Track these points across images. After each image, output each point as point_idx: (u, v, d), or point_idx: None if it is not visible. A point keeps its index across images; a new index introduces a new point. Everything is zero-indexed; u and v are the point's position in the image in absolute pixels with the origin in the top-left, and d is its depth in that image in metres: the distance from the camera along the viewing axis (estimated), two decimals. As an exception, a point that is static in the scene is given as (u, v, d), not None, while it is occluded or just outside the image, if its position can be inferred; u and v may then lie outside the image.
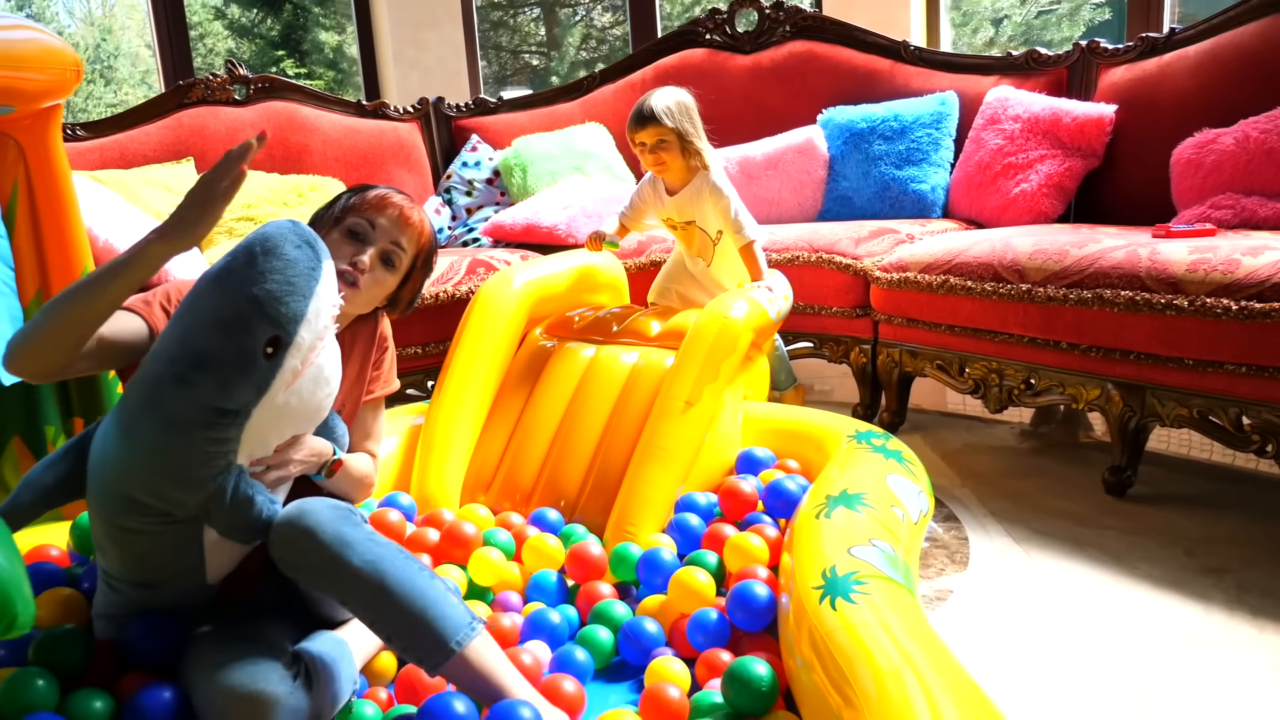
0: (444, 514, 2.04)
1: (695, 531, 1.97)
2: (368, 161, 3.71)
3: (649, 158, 2.49)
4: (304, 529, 1.32)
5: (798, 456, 2.25)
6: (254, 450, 1.40)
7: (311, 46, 11.86)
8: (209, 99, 3.47)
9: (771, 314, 2.37)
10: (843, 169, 3.55)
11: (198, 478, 1.34)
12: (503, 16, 11.50)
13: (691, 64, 3.94)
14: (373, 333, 1.81)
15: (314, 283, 1.35)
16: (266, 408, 1.35)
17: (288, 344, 1.33)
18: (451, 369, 2.30)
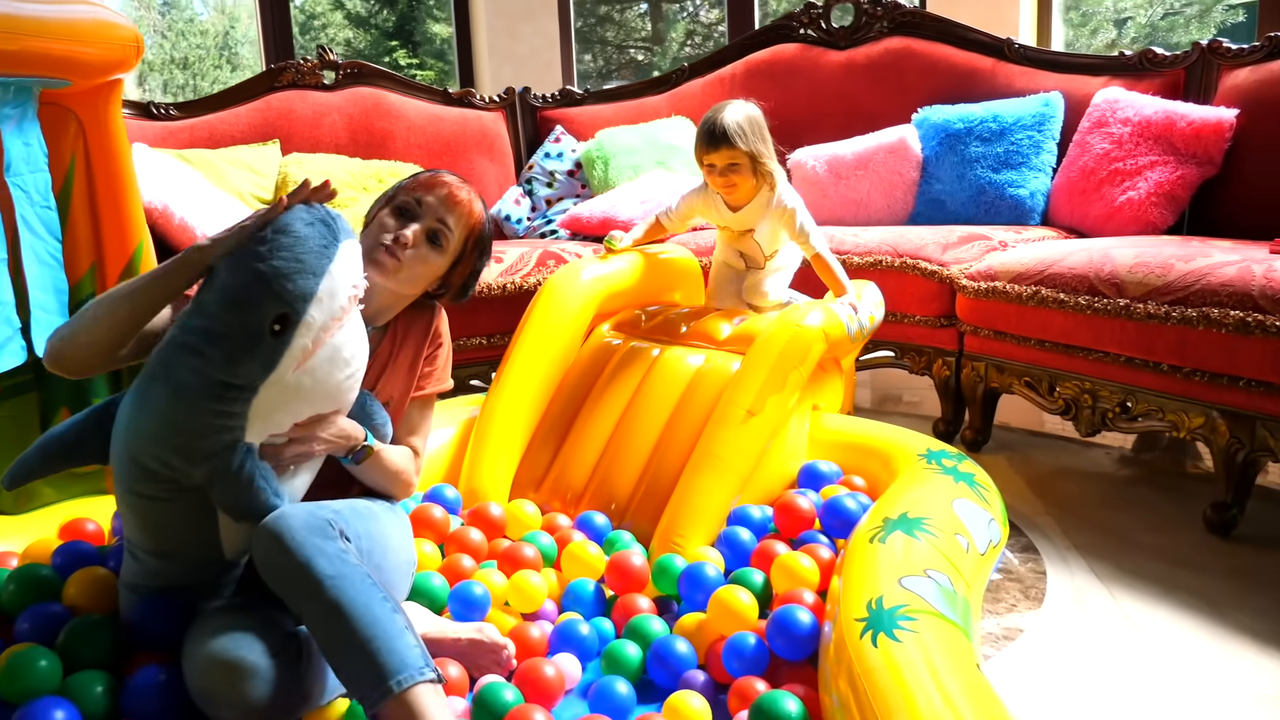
0: (491, 508, 1.97)
1: (745, 547, 1.86)
2: (450, 149, 3.69)
3: (718, 180, 2.36)
4: (274, 532, 1.28)
5: (864, 473, 2.12)
6: (266, 428, 1.37)
7: (423, 38, 12.05)
8: (299, 83, 3.49)
9: (850, 330, 2.24)
10: (936, 171, 3.38)
11: (201, 448, 1.32)
12: (609, 11, 11.49)
13: (783, 59, 3.82)
14: (428, 325, 1.75)
15: (326, 261, 1.32)
16: (275, 385, 1.33)
17: (295, 322, 1.31)
18: (511, 362, 2.24)
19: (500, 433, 2.16)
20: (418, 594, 1.69)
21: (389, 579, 1.52)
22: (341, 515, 1.41)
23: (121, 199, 1.96)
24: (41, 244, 1.82)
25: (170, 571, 1.42)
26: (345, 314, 1.36)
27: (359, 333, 1.43)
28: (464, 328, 2.96)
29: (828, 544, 1.87)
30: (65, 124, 1.89)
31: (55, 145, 1.88)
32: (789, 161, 3.56)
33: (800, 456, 2.17)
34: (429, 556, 1.80)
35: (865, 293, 2.41)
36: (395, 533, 1.58)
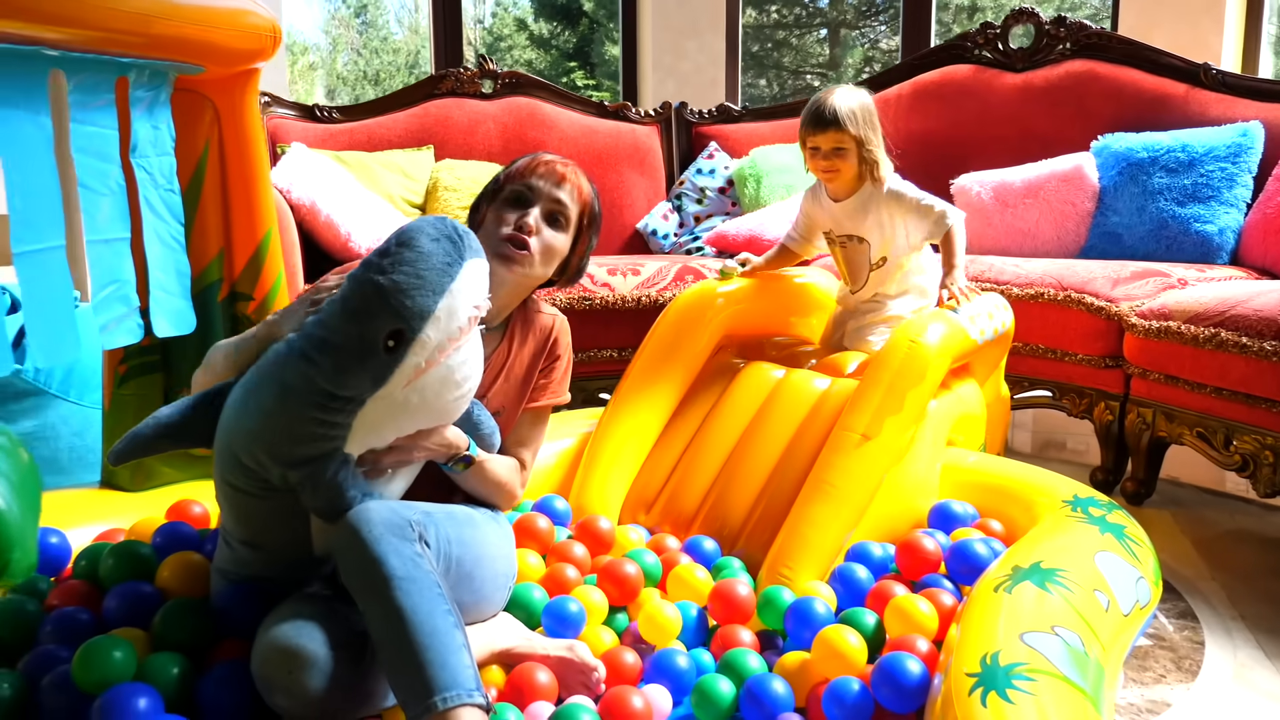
0: (599, 521, 1.90)
1: (861, 585, 1.73)
2: (601, 161, 3.68)
3: (820, 163, 2.22)
4: (353, 525, 1.27)
5: (1003, 518, 1.96)
6: (368, 442, 1.36)
7: (599, 59, 12.29)
8: (458, 91, 3.55)
9: (974, 336, 2.08)
10: (1114, 202, 3.14)
11: (299, 454, 1.31)
12: (787, 36, 11.41)
13: (954, 80, 3.65)
14: (547, 334, 1.72)
15: (448, 279, 1.30)
16: (383, 400, 1.31)
17: (410, 340, 1.28)
18: (631, 377, 2.18)
19: (614, 449, 2.09)
20: (515, 606, 1.64)
21: (481, 588, 1.49)
22: (432, 518, 1.38)
23: (253, 187, 2.00)
24: (164, 226, 1.87)
25: (259, 562, 1.42)
26: (463, 334, 1.33)
27: (475, 353, 1.40)
28: (595, 339, 2.93)
29: (952, 590, 1.72)
30: (201, 111, 1.94)
31: (190, 132, 1.93)
32: (952, 187, 3.39)
33: (932, 495, 2.02)
34: (531, 567, 1.75)
35: (987, 298, 2.23)
36: (494, 541, 1.54)
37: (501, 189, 1.63)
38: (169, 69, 1.82)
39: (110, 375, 2.01)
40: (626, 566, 1.71)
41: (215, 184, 1.97)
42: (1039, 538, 1.71)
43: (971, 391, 2.19)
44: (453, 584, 1.40)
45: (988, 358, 2.23)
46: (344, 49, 13.79)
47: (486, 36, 13.41)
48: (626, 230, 3.67)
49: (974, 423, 2.19)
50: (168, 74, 1.83)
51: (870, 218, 2.24)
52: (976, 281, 2.79)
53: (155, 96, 1.82)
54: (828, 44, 11.37)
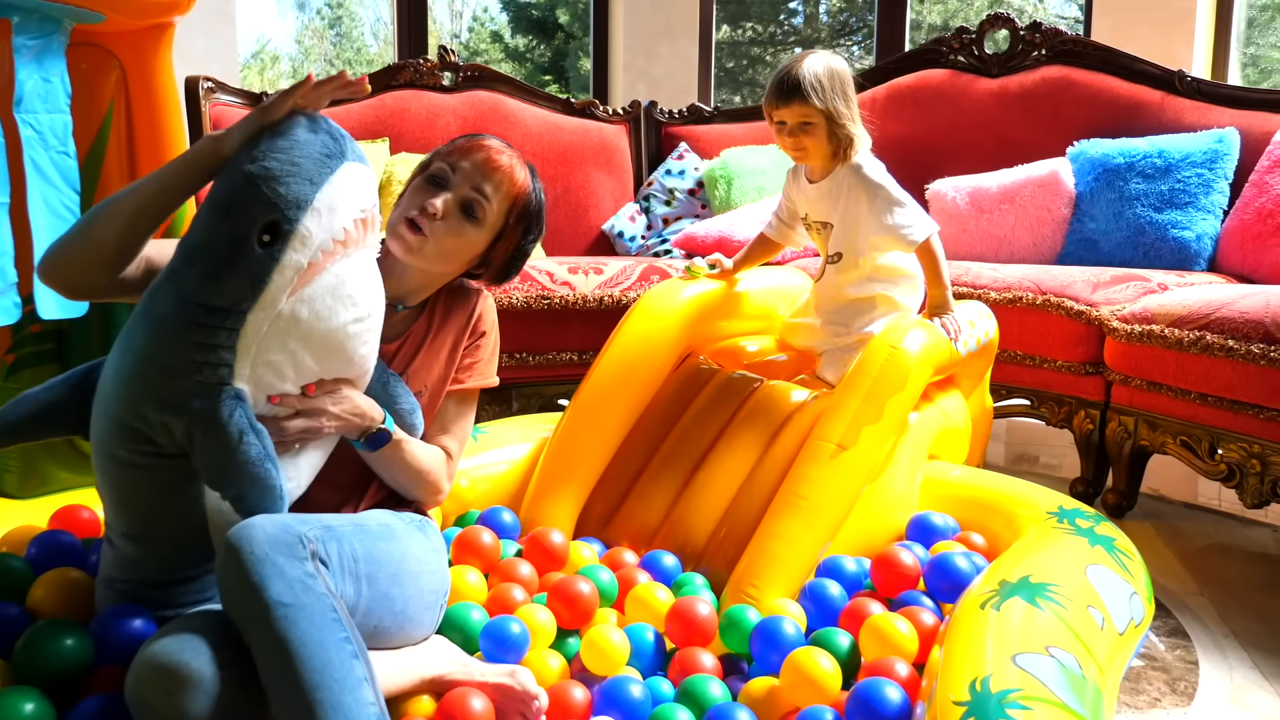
0: (551, 535, 1.75)
1: (833, 604, 1.61)
2: (565, 160, 3.55)
3: (786, 140, 1.99)
4: (233, 542, 1.11)
5: (984, 530, 1.85)
6: (260, 373, 1.20)
7: (574, 73, 12.20)
8: (417, 83, 3.41)
9: (959, 349, 1.97)
10: (1090, 208, 3.06)
11: (181, 390, 1.16)
12: (761, 53, 11.36)
13: (929, 85, 3.56)
14: (470, 310, 1.58)
15: (327, 170, 1.18)
16: (266, 311, 1.17)
17: (288, 233, 1.16)
18: (591, 381, 2.03)
19: (571, 459, 1.94)
20: (451, 628, 1.49)
21: (404, 608, 1.33)
22: (334, 532, 1.23)
23: (165, 154, 1.84)
24: (55, 192, 1.69)
25: (150, 562, 1.26)
26: (352, 242, 1.22)
27: (370, 275, 1.27)
28: (553, 341, 2.79)
29: (932, 608, 1.61)
30: (106, 68, 1.77)
31: (92, 91, 1.77)
32: (927, 192, 3.30)
33: (910, 508, 1.91)
34: (472, 587, 1.60)
35: (969, 307, 2.12)
36: (417, 554, 1.38)
37: (430, 164, 1.49)
38: (62, 14, 1.64)
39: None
40: (579, 585, 1.56)
41: (120, 150, 1.80)
42: (1026, 551, 1.60)
43: (955, 404, 2.08)
44: (366, 607, 1.25)
45: (972, 369, 2.12)
46: (317, 59, 13.61)
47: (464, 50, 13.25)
48: (592, 232, 3.54)
49: (958, 437, 2.08)
50: (61, 21, 1.65)
51: (842, 203, 2.02)
52: (953, 286, 2.69)
53: (46, 45, 1.63)
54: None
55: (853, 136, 1.98)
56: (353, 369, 1.30)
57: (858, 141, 1.99)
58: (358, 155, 1.26)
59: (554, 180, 3.50)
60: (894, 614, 1.51)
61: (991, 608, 1.37)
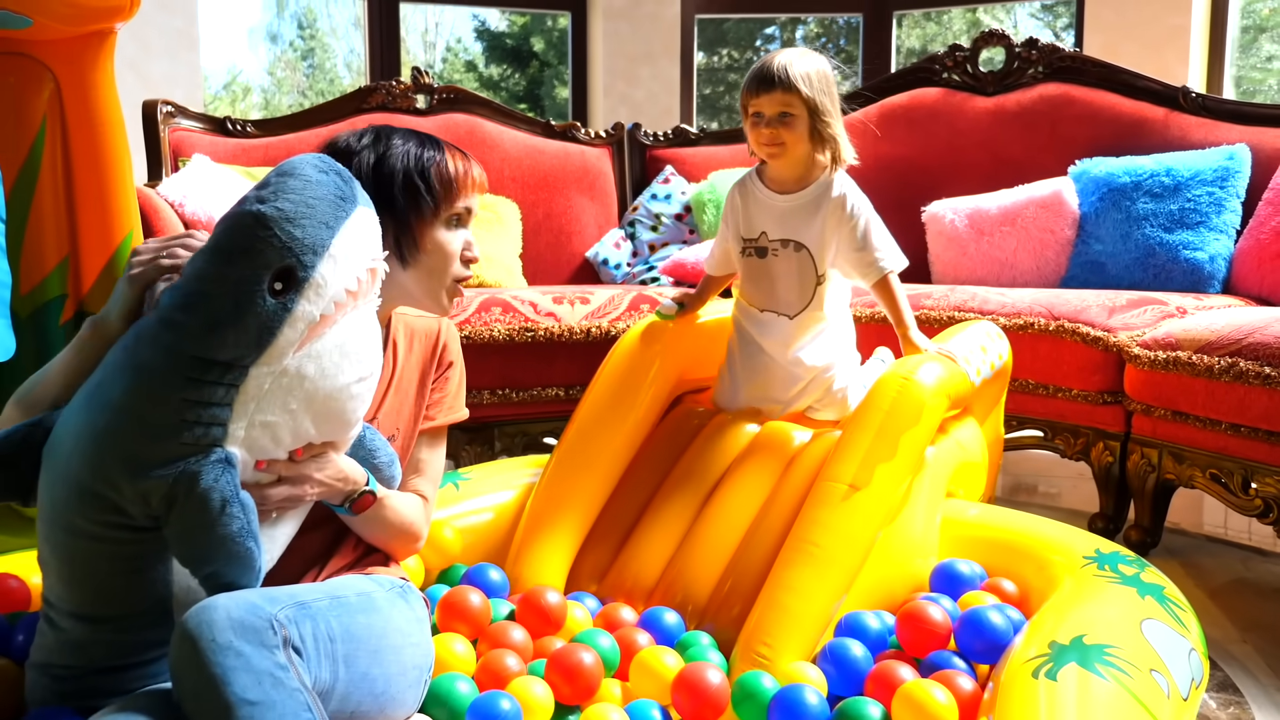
0: (546, 595, 1.57)
1: (857, 667, 1.44)
2: (547, 184, 3.40)
3: (763, 133, 1.78)
4: (189, 630, 0.96)
5: (1014, 577, 1.69)
6: (255, 437, 1.06)
7: (550, 102, 12.13)
8: (389, 105, 3.26)
9: (972, 377, 1.82)
10: (1096, 229, 2.93)
11: (164, 454, 1.01)
12: (738, 79, 11.32)
13: (923, 104, 3.44)
14: (434, 343, 1.46)
15: (341, 215, 1.07)
16: (270, 368, 1.04)
17: (302, 280, 1.03)
18: (577, 422, 1.87)
19: (559, 507, 1.77)
20: (436, 704, 1.32)
21: (385, 689, 1.18)
22: (308, 610, 1.08)
23: (107, 179, 1.66)
24: None
25: (97, 645, 1.09)
26: (361, 294, 1.09)
27: (373, 332, 1.14)
28: (538, 376, 2.63)
29: (966, 670, 1.44)
30: (37, 81, 1.60)
31: (20, 106, 1.60)
32: (924, 214, 3.17)
33: (931, 553, 1.75)
34: (459, 658, 1.43)
35: (976, 329, 1.97)
36: (399, 627, 1.23)
37: (430, 206, 1.33)
38: None
39: None
40: (580, 655, 1.38)
41: (55, 174, 1.62)
42: (1070, 604, 1.44)
43: (971, 435, 1.93)
44: (344, 690, 1.11)
45: (987, 395, 1.98)
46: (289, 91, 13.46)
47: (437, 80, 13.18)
48: (575, 259, 3.38)
49: (975, 471, 1.93)
50: None
51: (815, 223, 1.82)
52: (959, 312, 2.55)
53: None
54: (776, 85, 11.27)
55: (837, 139, 1.80)
56: (346, 433, 1.17)
57: (843, 147, 1.81)
58: (366, 200, 1.14)
59: (535, 206, 3.35)
60: (929, 680, 1.34)
61: (1045, 676, 1.21)
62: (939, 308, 2.59)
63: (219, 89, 9.90)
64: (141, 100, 2.97)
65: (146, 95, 3.06)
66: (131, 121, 2.90)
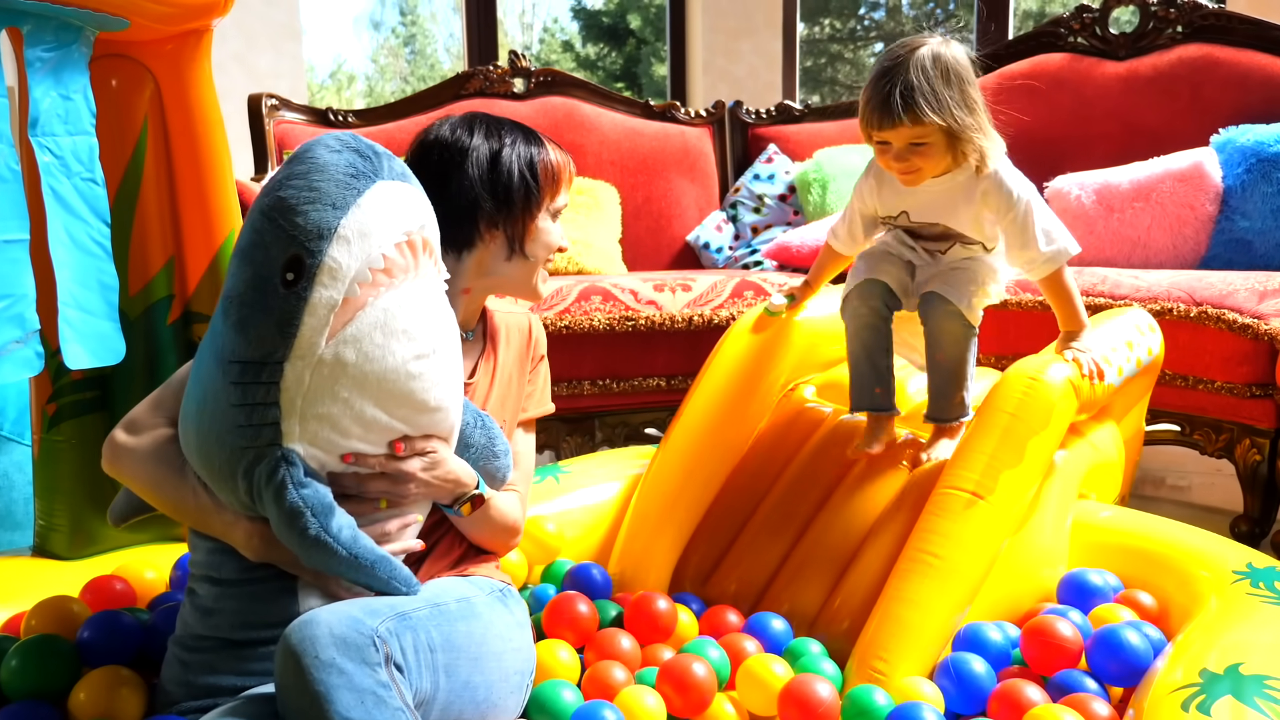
0: (655, 602, 1.49)
1: (979, 684, 1.33)
2: (646, 167, 3.30)
3: (895, 165, 1.58)
4: (292, 645, 0.95)
5: (1151, 589, 1.55)
6: (315, 430, 1.06)
7: (648, 80, 12.03)
8: (487, 91, 3.21)
9: (1112, 377, 1.66)
10: (1242, 204, 2.70)
11: (231, 462, 1.06)
12: (841, 50, 11.02)
13: (1046, 71, 3.24)
14: (527, 333, 1.47)
15: (352, 193, 1.04)
16: (305, 361, 1.04)
17: (313, 267, 1.02)
18: (684, 420, 1.78)
19: (665, 508, 1.70)
20: (538, 710, 1.28)
21: (486, 697, 1.16)
22: (410, 621, 1.06)
23: (208, 179, 1.64)
24: (80, 225, 1.49)
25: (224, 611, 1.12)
26: (398, 270, 1.07)
27: (429, 306, 1.10)
28: (638, 366, 2.55)
29: (1099, 693, 1.31)
30: (138, 83, 1.58)
31: (122, 108, 1.58)
32: (1047, 191, 2.98)
33: (1060, 562, 1.62)
34: (564, 665, 1.38)
35: (1125, 320, 1.81)
36: (500, 632, 1.21)
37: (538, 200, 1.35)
38: (82, 21, 1.46)
39: (39, 416, 1.66)
40: (694, 668, 1.31)
41: (159, 175, 1.61)
42: (1220, 626, 1.30)
43: (1107, 435, 1.79)
44: (445, 700, 1.09)
45: (1130, 391, 1.82)
46: (392, 77, 13.70)
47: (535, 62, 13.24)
48: (676, 243, 3.29)
49: (1110, 472, 1.78)
50: (81, 29, 1.47)
51: (964, 210, 1.64)
52: (1087, 297, 2.37)
53: (64, 57, 1.44)
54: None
55: (983, 151, 1.56)
56: (431, 416, 1.13)
57: (990, 155, 1.57)
58: (397, 174, 1.11)
59: (634, 190, 3.26)
60: (1061, 706, 1.22)
61: (1196, 709, 1.08)
62: (1065, 291, 2.41)
63: (325, 78, 10.11)
64: (247, 94, 2.99)
65: (252, 88, 3.09)
66: (238, 115, 2.96)
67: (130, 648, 1.28)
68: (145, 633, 1.31)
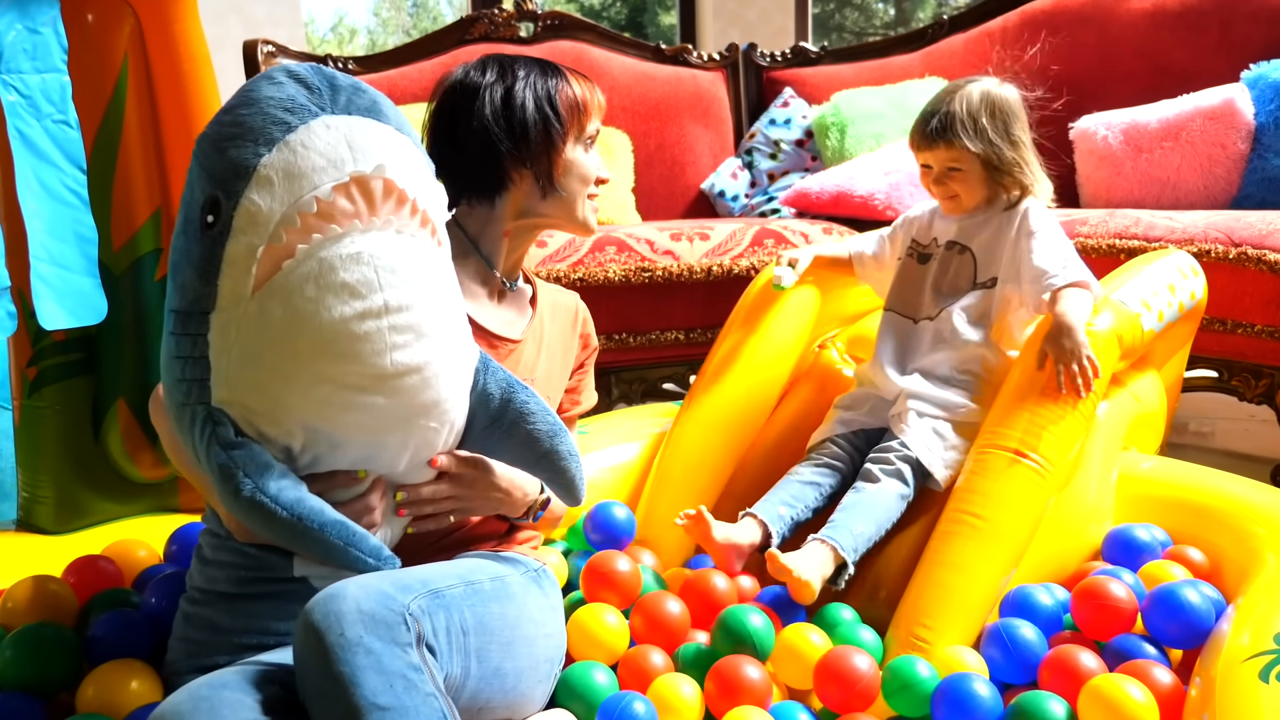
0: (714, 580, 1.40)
1: (1029, 652, 1.27)
2: (658, 113, 3.19)
3: (934, 188, 1.62)
4: (315, 621, 0.88)
5: (1202, 544, 1.49)
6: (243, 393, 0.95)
7: (655, 29, 11.83)
8: (492, 35, 3.09)
9: (1149, 325, 1.58)
10: (1275, 142, 2.61)
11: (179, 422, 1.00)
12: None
13: (1069, 7, 3.13)
14: (573, 314, 1.41)
15: (280, 129, 0.92)
16: (229, 313, 0.94)
17: (229, 209, 0.92)
18: (708, 378, 1.71)
19: (688, 471, 1.64)
20: (569, 696, 1.21)
21: (515, 684, 1.09)
22: (443, 599, 0.98)
23: (197, 123, 1.52)
24: (52, 171, 1.39)
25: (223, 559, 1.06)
26: (341, 217, 0.93)
27: (388, 259, 0.95)
28: (655, 319, 2.47)
29: (1158, 657, 1.26)
30: (117, 18, 1.47)
31: (101, 45, 1.47)
32: (1072, 131, 2.88)
33: (1105, 517, 1.56)
34: (611, 630, 1.29)
35: (1165, 264, 1.72)
36: (533, 616, 1.15)
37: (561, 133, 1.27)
38: None
39: (19, 381, 1.57)
40: (747, 669, 1.20)
41: (143, 118, 1.50)
42: (1286, 586, 1.23)
43: (1149, 384, 1.72)
44: (474, 687, 1.02)
45: (1172, 337, 1.74)
46: (394, 31, 13.47)
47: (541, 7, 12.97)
48: (690, 191, 3.19)
49: (1152, 422, 1.72)
50: None
51: (992, 236, 1.60)
52: (1119, 240, 2.29)
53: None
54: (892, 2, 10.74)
55: (1026, 185, 1.58)
56: (397, 383, 0.98)
57: (1032, 183, 1.58)
58: (358, 108, 0.97)
59: (646, 136, 3.16)
60: (1121, 675, 1.16)
61: (1271, 677, 1.02)
62: (1096, 235, 2.34)
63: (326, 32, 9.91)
64: (242, 41, 2.87)
65: (248, 37, 2.97)
66: (233, 63, 2.85)
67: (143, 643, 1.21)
68: (153, 624, 1.23)
